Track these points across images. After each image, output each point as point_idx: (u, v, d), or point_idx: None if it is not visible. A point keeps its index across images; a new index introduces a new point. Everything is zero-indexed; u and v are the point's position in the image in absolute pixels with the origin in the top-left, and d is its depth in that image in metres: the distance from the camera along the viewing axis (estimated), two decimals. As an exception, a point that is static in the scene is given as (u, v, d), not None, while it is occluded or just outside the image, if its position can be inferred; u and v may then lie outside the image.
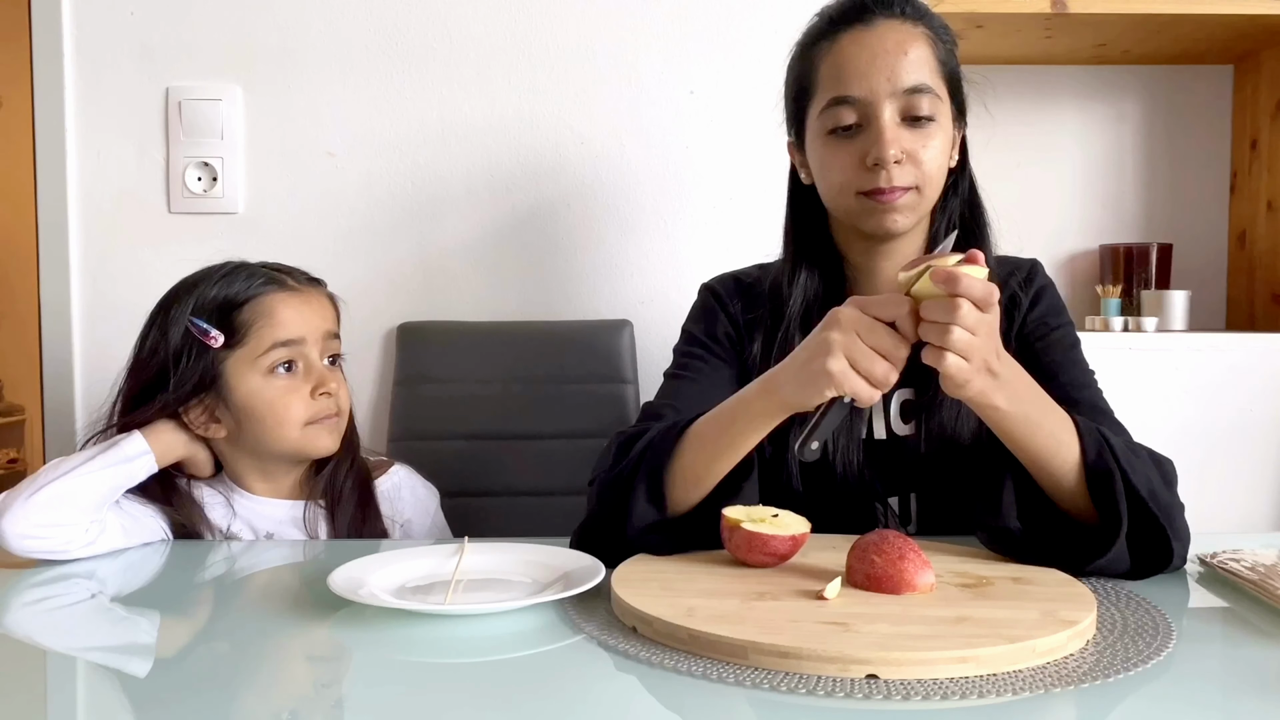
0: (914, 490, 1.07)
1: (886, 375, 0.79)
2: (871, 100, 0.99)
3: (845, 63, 1.01)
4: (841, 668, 0.63)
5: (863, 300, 0.81)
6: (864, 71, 0.99)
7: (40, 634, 0.81)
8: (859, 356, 0.79)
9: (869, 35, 1.00)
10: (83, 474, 1.01)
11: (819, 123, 1.03)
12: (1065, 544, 0.85)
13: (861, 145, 1.00)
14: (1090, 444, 0.86)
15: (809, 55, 1.06)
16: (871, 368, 0.79)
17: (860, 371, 0.79)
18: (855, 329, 0.80)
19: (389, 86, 1.66)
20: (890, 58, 0.99)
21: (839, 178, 1.02)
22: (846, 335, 0.80)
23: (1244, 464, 1.69)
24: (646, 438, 0.94)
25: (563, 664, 0.69)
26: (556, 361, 1.62)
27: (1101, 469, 0.85)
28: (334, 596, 0.78)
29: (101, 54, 1.65)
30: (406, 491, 1.26)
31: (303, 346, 1.14)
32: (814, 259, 1.10)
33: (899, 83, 0.99)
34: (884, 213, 1.01)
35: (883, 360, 0.79)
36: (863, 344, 0.79)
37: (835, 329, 0.80)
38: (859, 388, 0.80)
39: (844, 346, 0.79)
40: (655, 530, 0.89)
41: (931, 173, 1.01)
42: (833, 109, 1.01)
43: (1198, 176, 2.06)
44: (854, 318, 0.80)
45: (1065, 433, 0.86)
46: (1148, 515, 0.84)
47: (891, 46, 0.99)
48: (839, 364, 0.79)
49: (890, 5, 1.01)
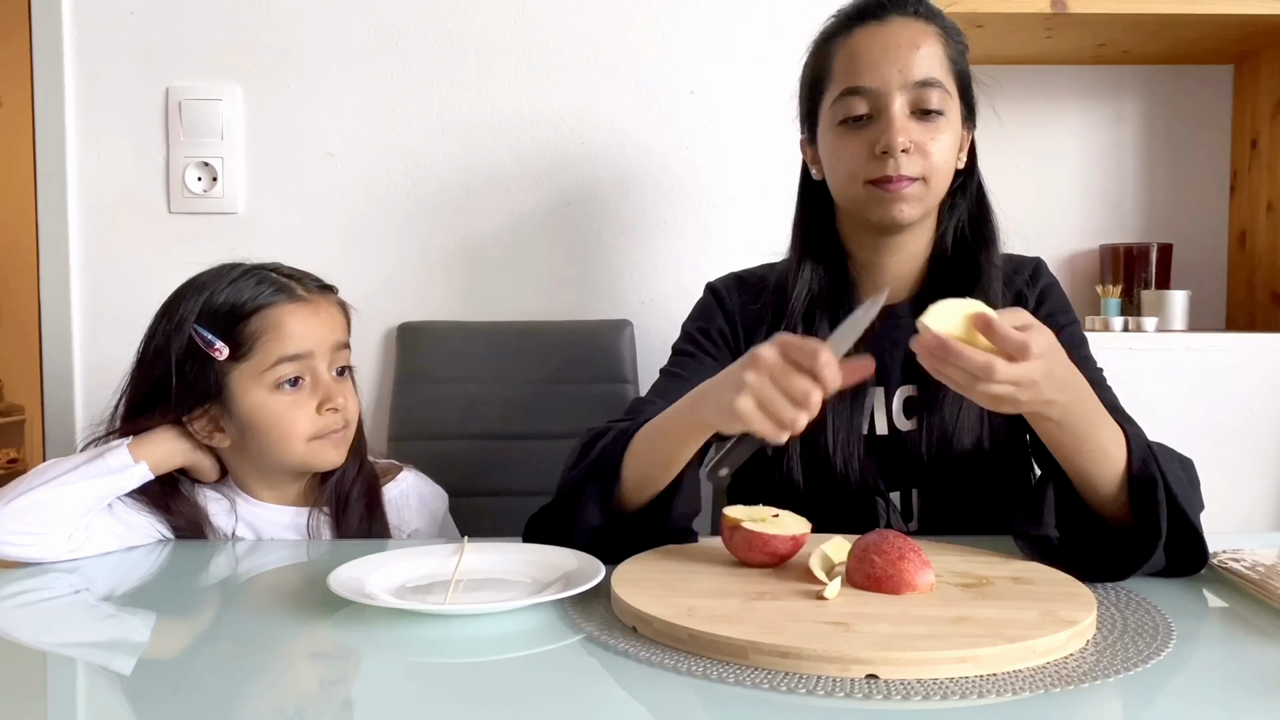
0: (916, 486, 1.07)
1: (794, 419, 0.78)
2: (883, 91, 1.02)
3: (859, 55, 1.04)
4: (841, 668, 0.63)
5: (785, 341, 0.80)
6: (876, 63, 1.02)
7: (32, 634, 0.81)
8: (768, 399, 0.78)
9: (883, 30, 1.03)
10: (65, 483, 0.99)
11: (831, 113, 1.06)
12: (1105, 552, 0.85)
13: (872, 135, 1.02)
14: (1136, 454, 0.86)
15: (825, 49, 1.08)
16: (779, 412, 0.78)
17: (768, 414, 0.79)
18: (770, 372, 0.79)
19: (389, 86, 1.66)
20: (903, 51, 1.02)
21: (849, 166, 1.04)
22: (759, 377, 0.79)
23: (1244, 464, 1.69)
24: (605, 439, 0.96)
25: (563, 664, 0.69)
26: (556, 361, 1.62)
27: (1145, 477, 0.85)
28: (334, 596, 0.78)
29: (101, 54, 1.65)
30: (415, 499, 1.24)
31: (310, 360, 1.11)
32: (819, 254, 1.12)
33: (910, 75, 1.01)
34: (891, 202, 1.02)
35: (790, 406, 0.78)
36: (773, 388, 0.78)
37: (751, 369, 0.80)
38: (765, 429, 0.79)
39: (754, 389, 0.79)
40: (601, 534, 0.91)
41: (939, 165, 1.03)
42: (845, 99, 1.04)
43: (1198, 176, 2.06)
44: (771, 361, 0.79)
45: (1114, 445, 0.86)
46: (1185, 523, 0.84)
47: (905, 41, 1.02)
48: (747, 404, 0.79)
49: (904, 4, 1.04)
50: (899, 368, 1.08)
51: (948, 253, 1.10)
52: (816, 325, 1.08)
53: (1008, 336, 0.76)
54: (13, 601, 0.89)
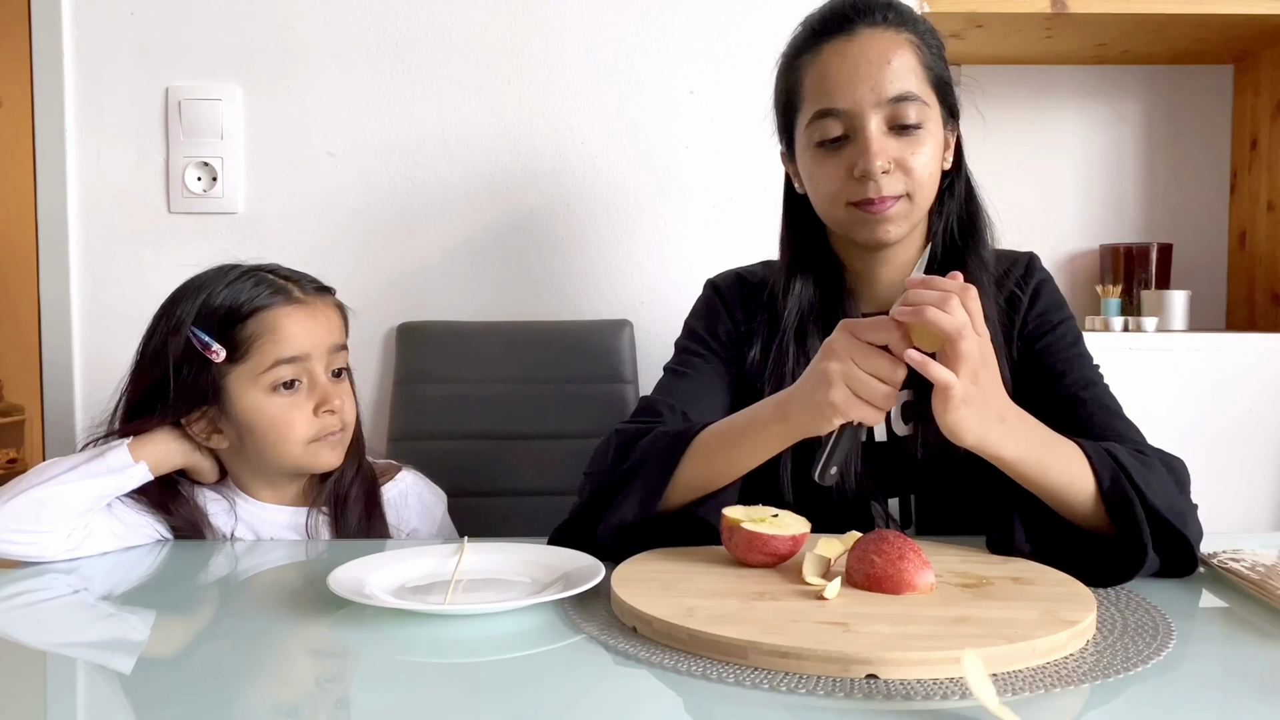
0: (913, 492, 1.07)
1: (887, 398, 0.81)
2: (856, 111, 0.98)
3: (828, 75, 1.00)
4: (841, 668, 0.63)
5: (854, 324, 0.82)
6: (847, 83, 0.99)
7: (32, 634, 0.81)
8: (858, 383, 0.81)
9: (850, 46, 0.99)
10: (65, 482, 1.00)
11: (806, 135, 1.03)
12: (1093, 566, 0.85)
13: (849, 156, 1.00)
14: (1104, 472, 0.85)
15: (794, 67, 1.05)
16: (873, 392, 0.81)
17: (862, 397, 0.81)
18: (851, 356, 0.81)
19: (389, 86, 1.66)
20: (873, 68, 0.98)
21: (829, 189, 1.02)
22: (844, 364, 0.81)
23: (1244, 464, 1.69)
24: (650, 439, 0.94)
25: (563, 664, 0.69)
26: (556, 361, 1.62)
27: (1118, 494, 0.85)
28: (334, 596, 0.78)
29: (101, 54, 1.65)
30: (414, 499, 1.25)
31: (307, 363, 1.11)
32: (811, 267, 1.10)
33: (883, 92, 0.98)
34: (876, 223, 1.00)
35: (881, 384, 0.81)
36: (859, 371, 0.81)
37: (832, 359, 0.82)
38: (864, 414, 0.82)
39: (843, 376, 0.81)
40: (628, 530, 0.90)
41: (923, 179, 1.00)
42: (819, 122, 1.01)
43: (1198, 176, 2.06)
44: (848, 345, 0.81)
45: (1077, 465, 0.86)
46: (1170, 530, 0.84)
47: (874, 56, 0.98)
48: (841, 394, 0.81)
49: (872, 13, 1.00)
50: None
51: (938, 257, 1.08)
52: (809, 340, 1.07)
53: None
54: (12, 602, 0.89)
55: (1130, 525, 0.84)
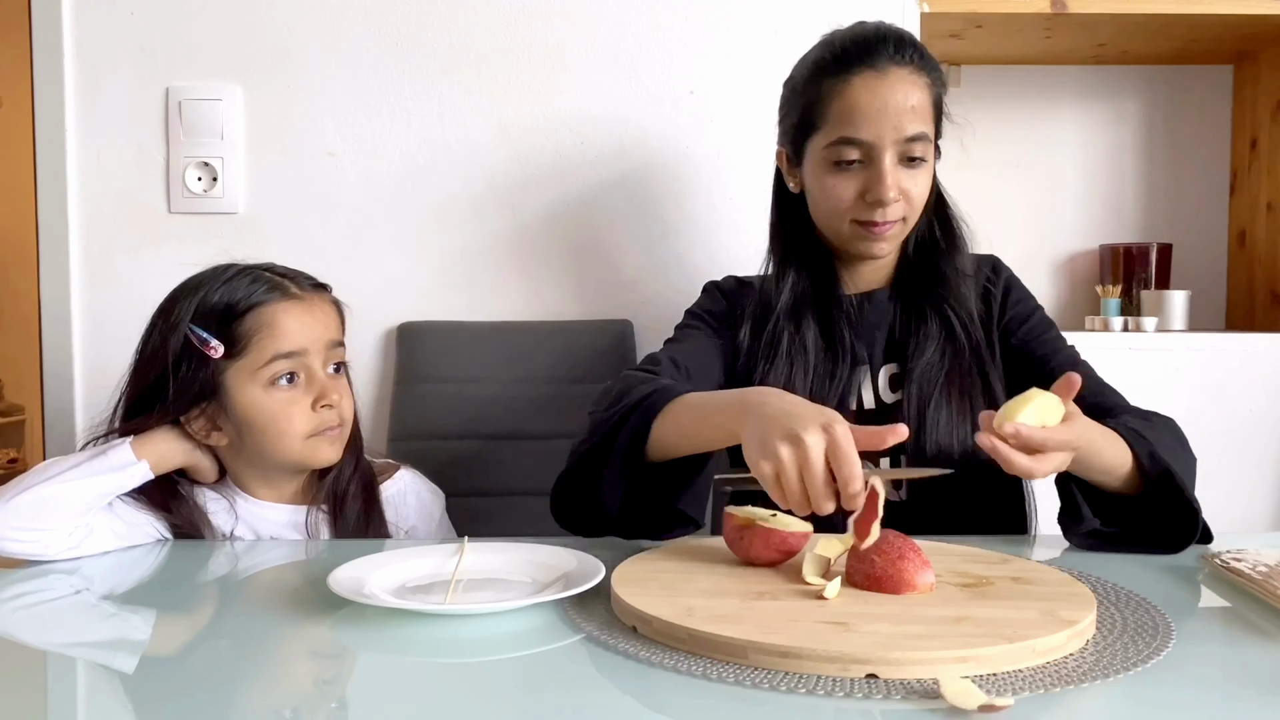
0: (902, 453, 1.11)
1: (801, 509, 0.79)
2: (877, 145, 1.08)
3: (856, 108, 1.08)
4: (841, 668, 0.63)
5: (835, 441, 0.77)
6: (874, 119, 1.07)
7: (33, 634, 0.81)
8: (788, 481, 0.78)
9: (881, 84, 1.07)
10: (67, 480, 1.00)
11: (824, 154, 1.11)
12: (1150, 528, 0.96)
13: (862, 180, 1.09)
14: (1139, 446, 0.95)
15: (817, 87, 1.11)
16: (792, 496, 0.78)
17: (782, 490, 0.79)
18: (803, 462, 0.77)
19: (389, 86, 1.66)
20: (899, 109, 1.07)
21: (838, 206, 1.12)
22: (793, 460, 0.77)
23: (1244, 464, 1.69)
24: (648, 386, 0.99)
25: (563, 664, 0.69)
26: (556, 362, 1.62)
27: (1159, 469, 0.94)
28: (334, 596, 0.78)
29: (101, 54, 1.65)
30: (412, 497, 1.25)
31: (305, 358, 1.12)
32: (802, 259, 1.19)
33: (903, 132, 1.07)
34: (874, 241, 1.12)
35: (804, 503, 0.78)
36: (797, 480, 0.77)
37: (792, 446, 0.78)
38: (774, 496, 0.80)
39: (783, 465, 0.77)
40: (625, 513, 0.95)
41: (918, 204, 1.12)
42: (839, 146, 1.09)
43: (1198, 176, 2.06)
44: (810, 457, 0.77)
45: (1117, 443, 0.95)
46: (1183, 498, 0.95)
47: (900, 99, 1.07)
48: (767, 470, 0.79)
49: (901, 52, 1.08)
50: (881, 348, 1.17)
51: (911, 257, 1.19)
52: (803, 321, 1.15)
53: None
54: (14, 603, 0.89)
55: (1176, 496, 0.94)
